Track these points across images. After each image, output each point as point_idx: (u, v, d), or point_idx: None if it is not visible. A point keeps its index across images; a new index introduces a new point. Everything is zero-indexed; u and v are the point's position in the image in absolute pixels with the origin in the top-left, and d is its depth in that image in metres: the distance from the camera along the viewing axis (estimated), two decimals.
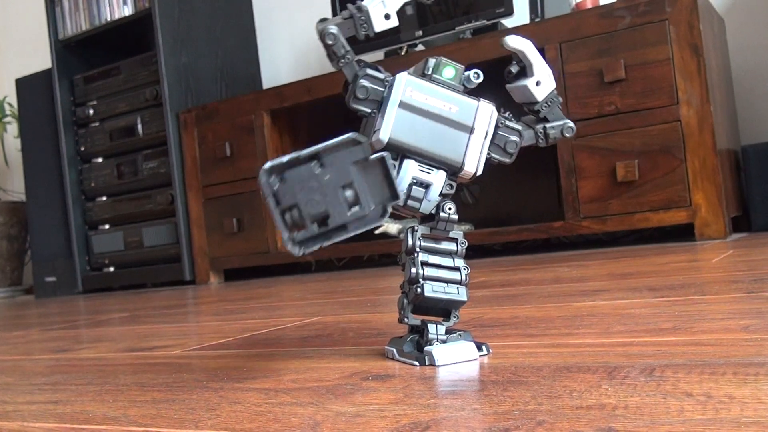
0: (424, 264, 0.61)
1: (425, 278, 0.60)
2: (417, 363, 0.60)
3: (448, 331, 0.62)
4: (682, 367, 0.49)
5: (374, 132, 0.59)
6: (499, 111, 0.62)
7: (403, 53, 2.47)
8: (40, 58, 3.75)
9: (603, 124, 1.96)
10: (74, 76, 3.07)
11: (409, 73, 0.60)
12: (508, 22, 2.36)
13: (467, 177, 0.61)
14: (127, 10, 2.89)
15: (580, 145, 1.98)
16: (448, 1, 2.40)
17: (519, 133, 0.61)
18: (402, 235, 0.62)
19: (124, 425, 0.51)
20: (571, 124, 0.63)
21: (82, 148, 3.03)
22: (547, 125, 0.62)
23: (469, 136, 0.60)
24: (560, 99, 0.63)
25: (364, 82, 0.58)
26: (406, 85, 0.59)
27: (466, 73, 0.61)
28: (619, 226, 1.94)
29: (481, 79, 0.61)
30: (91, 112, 2.99)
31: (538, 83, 0.61)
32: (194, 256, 2.73)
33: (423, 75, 0.60)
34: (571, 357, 0.57)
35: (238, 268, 2.70)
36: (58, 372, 0.81)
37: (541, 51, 2.02)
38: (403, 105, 0.58)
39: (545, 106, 0.62)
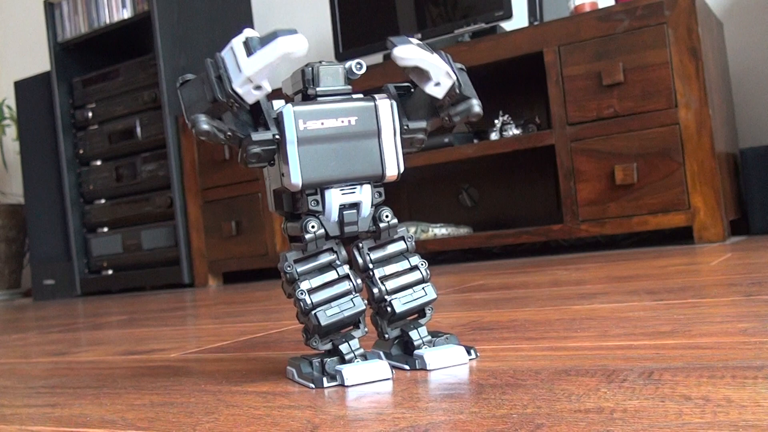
0: (383, 279, 0.60)
1: (390, 293, 0.60)
2: (407, 367, 0.60)
3: (434, 335, 0.61)
4: (681, 370, 0.49)
5: (283, 176, 0.57)
6: (395, 100, 0.59)
7: None
8: (39, 61, 3.75)
9: (601, 127, 1.96)
10: (73, 78, 3.06)
11: (293, 101, 0.58)
12: (506, 25, 2.36)
13: (393, 179, 0.60)
14: (126, 13, 2.89)
15: (579, 148, 1.98)
16: (447, 3, 2.40)
17: (424, 131, 0.60)
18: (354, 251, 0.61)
19: (121, 428, 0.51)
20: (477, 109, 0.59)
21: (81, 151, 3.03)
22: (452, 111, 0.59)
23: (379, 140, 0.58)
24: (462, 87, 0.59)
25: (254, 150, 0.56)
26: (296, 119, 0.56)
27: (348, 65, 0.59)
28: (617, 229, 1.94)
29: (364, 69, 0.58)
30: (90, 114, 2.99)
31: (437, 84, 0.59)
32: (193, 259, 2.72)
33: (306, 89, 0.58)
34: (570, 360, 0.57)
35: (236, 271, 2.70)
36: (56, 375, 0.81)
37: (539, 54, 2.04)
38: (301, 141, 0.56)
39: (448, 100, 0.60)
